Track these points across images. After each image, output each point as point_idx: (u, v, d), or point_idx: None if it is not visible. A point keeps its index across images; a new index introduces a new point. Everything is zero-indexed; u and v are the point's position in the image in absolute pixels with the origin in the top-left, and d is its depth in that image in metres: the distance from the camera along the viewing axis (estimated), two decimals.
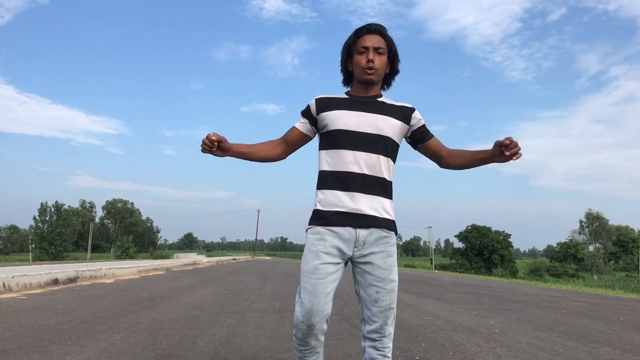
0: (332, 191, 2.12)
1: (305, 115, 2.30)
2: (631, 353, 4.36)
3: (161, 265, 18.64)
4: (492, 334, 5.17)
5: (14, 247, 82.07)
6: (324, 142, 2.24)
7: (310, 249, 2.10)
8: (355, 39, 2.22)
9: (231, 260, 42.56)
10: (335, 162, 2.15)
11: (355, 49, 2.22)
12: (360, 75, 2.22)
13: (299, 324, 2.06)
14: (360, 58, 2.20)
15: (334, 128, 2.18)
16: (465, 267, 64.60)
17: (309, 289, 2.05)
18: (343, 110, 2.20)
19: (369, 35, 2.20)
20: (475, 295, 10.61)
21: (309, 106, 2.28)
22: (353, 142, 2.14)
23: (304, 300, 2.05)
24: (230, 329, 5.01)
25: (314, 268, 2.06)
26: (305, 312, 2.03)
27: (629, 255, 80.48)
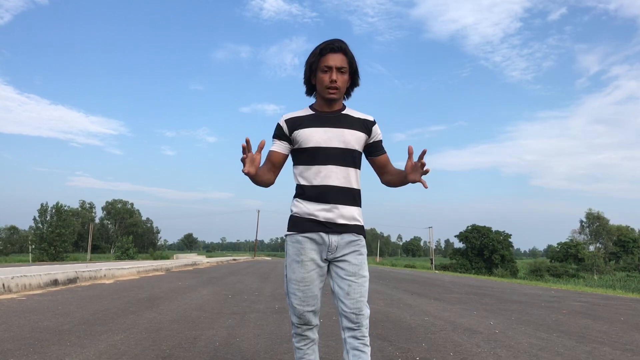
0: (308, 202, 2.29)
1: (278, 137, 2.38)
2: (632, 353, 4.36)
3: (161, 266, 18.64)
4: (492, 334, 5.16)
5: (13, 247, 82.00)
6: (298, 159, 2.37)
7: (294, 259, 2.29)
8: (319, 57, 2.30)
9: (231, 260, 42.55)
10: (310, 177, 2.31)
11: (318, 67, 2.31)
12: (323, 94, 2.33)
13: (295, 323, 2.33)
14: (324, 77, 2.30)
15: (307, 146, 2.31)
16: (466, 267, 64.56)
17: (298, 294, 2.28)
18: (312, 128, 2.33)
19: (332, 54, 2.29)
20: (476, 295, 10.60)
21: (280, 127, 2.37)
22: (325, 157, 2.30)
23: (295, 304, 2.29)
24: (230, 330, 5.01)
25: (302, 278, 2.27)
26: (299, 314, 2.30)
27: (630, 255, 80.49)
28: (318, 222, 2.27)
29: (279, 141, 2.38)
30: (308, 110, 2.41)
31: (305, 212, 2.28)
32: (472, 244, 69.25)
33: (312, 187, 2.29)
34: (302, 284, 2.27)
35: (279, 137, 2.38)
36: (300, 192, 2.33)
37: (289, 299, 2.33)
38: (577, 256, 71.98)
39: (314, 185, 2.29)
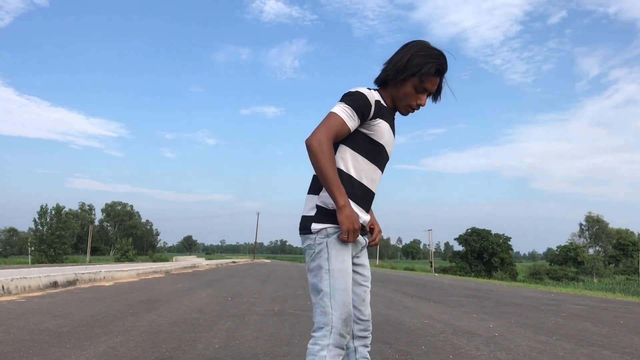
0: (355, 205, 2.03)
1: (359, 112, 1.98)
2: (631, 356, 4.36)
3: (160, 268, 18.63)
4: (492, 337, 5.16)
5: (13, 249, 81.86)
6: (361, 147, 2.04)
7: (343, 248, 1.98)
8: (421, 71, 2.03)
9: (231, 263, 42.53)
10: (365, 174, 2.06)
11: (418, 80, 2.04)
12: (401, 108, 2.12)
13: (341, 330, 1.93)
14: (413, 96, 2.08)
15: (380, 141, 2.06)
16: (465, 270, 64.58)
17: (348, 290, 1.97)
18: (387, 124, 2.08)
19: (435, 78, 2.08)
20: (475, 298, 10.60)
21: (369, 105, 1.99)
22: (383, 161, 2.13)
23: (346, 302, 1.95)
24: (229, 332, 5.00)
25: (351, 269, 2.01)
26: (347, 316, 1.95)
27: (629, 259, 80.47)
28: (361, 226, 2.08)
29: (357, 118, 1.98)
30: (379, 96, 2.08)
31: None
32: (471, 247, 69.29)
33: (362, 187, 2.06)
34: (349, 277, 1.99)
35: (360, 112, 1.98)
36: (346, 182, 2.01)
37: (334, 299, 1.93)
38: (577, 259, 71.99)
39: (364, 185, 2.06)
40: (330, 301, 1.92)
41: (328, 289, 1.93)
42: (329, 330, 1.90)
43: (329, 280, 1.94)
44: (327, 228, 1.97)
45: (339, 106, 1.99)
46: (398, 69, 2.06)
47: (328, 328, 1.91)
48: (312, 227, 1.99)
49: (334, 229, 1.97)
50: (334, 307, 1.92)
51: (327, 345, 1.90)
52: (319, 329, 1.94)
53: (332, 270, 1.94)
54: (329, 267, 1.95)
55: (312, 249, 1.99)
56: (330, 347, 1.90)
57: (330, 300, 1.92)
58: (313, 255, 1.99)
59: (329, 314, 1.91)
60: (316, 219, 2.00)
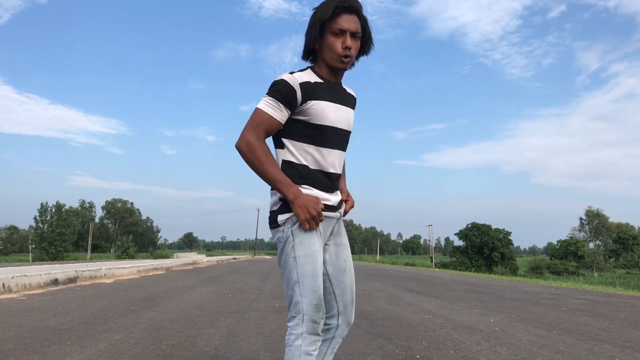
0: (316, 190, 1.99)
1: (285, 102, 1.91)
2: (632, 350, 4.36)
3: (161, 265, 18.64)
4: (492, 332, 5.16)
5: (13, 247, 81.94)
6: (302, 134, 1.97)
7: (307, 233, 1.94)
8: (331, 17, 1.92)
9: (231, 259, 42.58)
10: (318, 161, 1.99)
11: (328, 28, 1.94)
12: (333, 62, 1.98)
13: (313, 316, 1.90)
14: (336, 42, 1.94)
15: (322, 123, 1.96)
16: (466, 265, 64.62)
17: (316, 274, 1.94)
18: (327, 102, 1.97)
19: (346, 15, 1.94)
20: (476, 293, 10.60)
21: (292, 91, 1.90)
22: (335, 140, 2.03)
23: (314, 287, 1.92)
24: (230, 329, 5.01)
25: (318, 252, 1.96)
26: (317, 302, 1.92)
27: (629, 253, 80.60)
28: (330, 207, 2.02)
29: (284, 108, 1.91)
30: (313, 75, 2.00)
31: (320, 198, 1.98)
32: (472, 241, 69.31)
33: (320, 173, 2.00)
34: (317, 261, 1.94)
35: (285, 102, 1.90)
36: (303, 174, 1.97)
37: (302, 286, 1.91)
38: (577, 254, 72.04)
39: (321, 171, 2.00)
40: (299, 289, 1.90)
41: (296, 277, 1.91)
42: (301, 319, 1.89)
43: (296, 268, 1.92)
44: (292, 217, 1.94)
45: (263, 100, 1.93)
46: (308, 28, 2.00)
47: (300, 316, 1.89)
48: (278, 219, 1.97)
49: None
50: (303, 294, 1.90)
51: (300, 334, 1.88)
52: (291, 318, 1.93)
53: (298, 257, 1.92)
54: (295, 254, 1.92)
55: (281, 241, 1.98)
56: (305, 335, 1.88)
57: (299, 288, 1.90)
58: (281, 247, 1.98)
59: (299, 302, 1.90)
60: (281, 210, 1.97)
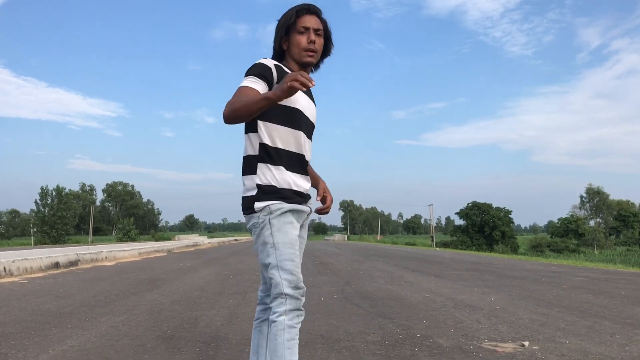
0: (288, 171, 2.11)
1: (261, 76, 2.06)
2: (632, 327, 4.36)
3: (162, 247, 18.71)
4: (493, 311, 5.17)
5: (15, 231, 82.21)
6: (273, 115, 2.08)
7: (285, 221, 2.06)
8: (295, 18, 2.15)
9: (233, 241, 42.76)
10: (290, 141, 2.11)
11: (294, 28, 2.16)
12: (300, 57, 2.17)
13: (295, 296, 2.04)
14: (301, 38, 2.15)
15: (295, 106, 2.11)
16: (466, 244, 64.86)
17: (295, 260, 2.07)
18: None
19: (308, 15, 2.17)
20: (476, 272, 10.63)
21: (269, 69, 2.08)
22: (305, 125, 2.17)
23: (293, 271, 2.05)
24: (231, 310, 5.01)
25: (295, 240, 2.09)
26: (296, 283, 2.05)
27: (630, 230, 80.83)
28: (302, 194, 2.15)
29: (262, 82, 2.05)
30: (285, 67, 2.18)
31: (292, 183, 2.09)
32: (472, 220, 69.51)
33: (291, 154, 2.11)
34: (295, 246, 2.07)
35: (263, 77, 2.06)
36: (277, 156, 2.08)
37: (281, 269, 2.03)
38: (578, 231, 72.31)
39: (291, 151, 2.11)
40: (278, 272, 2.03)
41: (275, 262, 2.04)
42: (284, 298, 2.02)
43: (275, 254, 2.04)
44: (269, 205, 2.05)
45: (243, 80, 2.09)
46: (277, 29, 2.21)
47: (283, 297, 2.02)
48: (255, 206, 2.07)
49: (277, 206, 2.05)
50: (282, 276, 2.03)
51: (285, 311, 2.02)
52: (274, 299, 2.05)
53: (277, 243, 2.04)
54: (274, 241, 2.05)
55: (257, 227, 2.08)
56: (287, 311, 2.02)
57: (278, 271, 2.03)
58: (257, 233, 2.08)
59: (280, 283, 2.03)
60: (257, 197, 2.07)
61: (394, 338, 3.82)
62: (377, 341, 3.70)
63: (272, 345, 2.04)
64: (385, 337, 3.86)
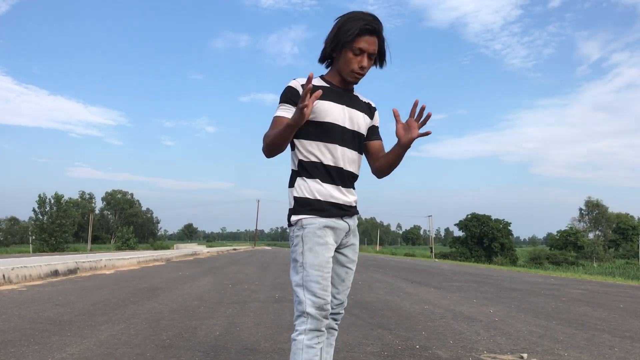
0: (325, 184, 2.10)
1: (290, 102, 2.07)
2: (631, 340, 4.37)
3: (161, 256, 18.67)
4: (492, 322, 5.17)
5: (14, 238, 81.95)
6: (309, 133, 2.10)
7: (318, 242, 2.05)
8: (355, 36, 2.07)
9: (231, 250, 42.67)
10: (326, 156, 2.10)
11: (350, 45, 2.08)
12: (347, 76, 2.14)
13: (316, 316, 2.02)
14: (353, 60, 2.10)
15: (325, 120, 2.09)
16: (466, 255, 64.69)
17: (321, 282, 2.04)
18: (331, 102, 2.12)
19: (368, 36, 2.08)
20: (476, 283, 10.62)
21: (296, 92, 2.07)
22: (341, 137, 2.13)
23: (318, 294, 2.03)
24: (230, 319, 5.01)
25: (326, 262, 2.06)
26: (321, 305, 2.03)
27: (629, 243, 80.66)
28: (340, 206, 2.12)
29: (286, 106, 2.07)
30: (320, 80, 2.17)
31: (327, 194, 2.09)
32: (471, 232, 69.33)
33: (330, 167, 2.10)
34: (325, 269, 2.05)
35: (292, 102, 2.06)
36: (312, 169, 2.09)
37: (307, 290, 2.03)
38: (577, 244, 72.19)
39: (330, 165, 2.10)
40: (303, 292, 2.03)
41: (301, 281, 2.04)
42: (305, 317, 2.02)
43: (302, 274, 2.04)
44: (301, 220, 2.06)
45: (277, 108, 2.12)
46: (329, 41, 2.14)
47: (305, 316, 2.02)
48: (291, 219, 2.10)
49: (309, 221, 2.05)
50: (307, 296, 2.02)
51: (304, 330, 2.01)
52: (297, 317, 2.05)
53: (305, 264, 2.04)
54: (303, 260, 2.04)
55: (291, 241, 2.11)
56: (307, 330, 2.01)
57: (303, 290, 2.03)
58: (291, 247, 2.10)
59: (303, 302, 2.02)
60: (294, 210, 2.09)
61: (393, 349, 3.82)
62: (376, 352, 3.71)
63: None
64: (384, 348, 3.86)
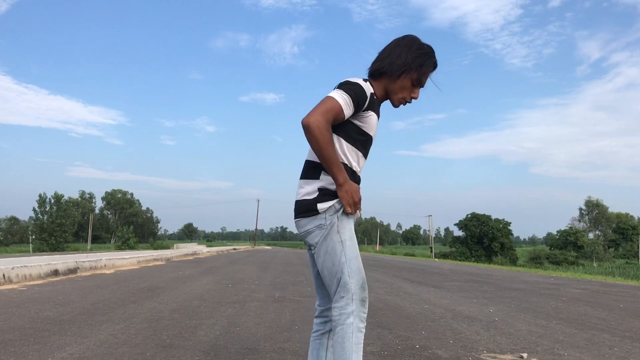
0: None
1: (356, 101, 2.02)
2: (631, 340, 4.37)
3: (161, 256, 18.67)
4: (492, 322, 5.17)
5: (14, 238, 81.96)
6: (353, 138, 2.11)
7: (349, 220, 2.09)
8: (422, 68, 2.16)
9: (231, 250, 42.66)
10: (355, 162, 2.14)
11: (417, 76, 2.16)
12: (393, 100, 2.21)
13: (363, 296, 2.03)
14: (407, 90, 2.18)
15: (369, 133, 2.15)
16: (465, 255, 64.76)
17: (359, 260, 2.07)
18: (376, 116, 2.17)
19: (430, 72, 2.21)
20: (475, 283, 10.63)
21: (365, 96, 2.05)
22: (368, 150, 2.22)
23: (361, 269, 2.06)
24: (230, 319, 5.02)
25: (354, 237, 2.12)
26: (364, 284, 2.05)
27: (629, 242, 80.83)
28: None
29: (352, 107, 2.03)
30: (370, 87, 2.13)
31: None
32: (471, 232, 69.41)
33: (354, 172, 2.14)
34: (357, 246, 2.11)
35: (356, 102, 2.03)
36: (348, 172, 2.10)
37: (350, 268, 2.02)
38: (577, 244, 72.29)
39: (354, 171, 2.15)
40: (347, 269, 2.01)
41: (344, 259, 2.02)
42: (350, 298, 1.99)
43: (343, 251, 2.03)
44: (334, 204, 2.06)
45: (337, 92, 2.02)
46: (399, 65, 2.14)
47: (349, 295, 2.00)
48: (319, 207, 2.06)
49: (340, 204, 2.06)
50: (351, 275, 2.01)
51: (352, 312, 1.99)
52: (340, 298, 2.01)
53: (345, 240, 2.04)
54: (341, 238, 2.04)
55: (323, 228, 2.06)
56: (355, 312, 1.99)
57: (347, 268, 2.01)
58: (325, 234, 2.06)
59: (348, 282, 2.01)
60: (320, 199, 2.07)
61: (392, 349, 3.82)
62: (376, 352, 3.71)
63: (338, 351, 1.99)
64: (384, 347, 3.86)
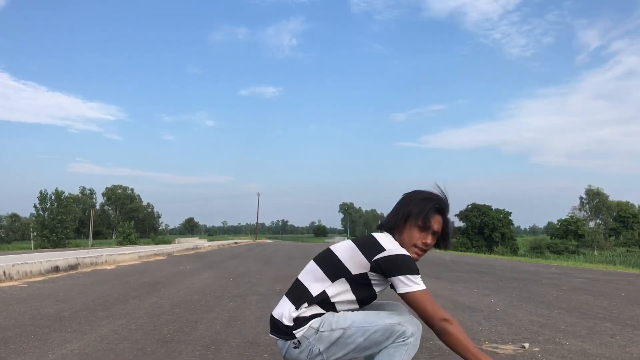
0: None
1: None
2: (632, 328, 4.36)
3: (162, 251, 18.69)
4: (493, 312, 5.17)
5: (15, 235, 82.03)
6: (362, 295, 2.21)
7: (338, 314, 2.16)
8: (423, 212, 2.14)
9: (232, 244, 42.76)
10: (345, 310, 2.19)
11: (420, 221, 2.14)
12: (409, 249, 2.15)
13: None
14: (417, 236, 2.16)
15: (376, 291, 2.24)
16: (466, 245, 64.77)
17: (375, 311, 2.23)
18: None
19: (436, 215, 2.17)
20: (476, 273, 10.63)
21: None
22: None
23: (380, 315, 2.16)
24: (231, 313, 5.01)
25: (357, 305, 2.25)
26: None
27: (630, 231, 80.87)
28: None
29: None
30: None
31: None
32: (472, 222, 69.39)
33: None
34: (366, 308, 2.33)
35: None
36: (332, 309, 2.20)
37: (379, 322, 2.15)
38: (577, 232, 72.29)
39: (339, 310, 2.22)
40: (373, 327, 2.07)
41: (365, 324, 2.08)
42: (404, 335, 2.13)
43: (361, 323, 2.08)
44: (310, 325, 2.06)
45: (416, 281, 2.09)
46: (401, 216, 2.17)
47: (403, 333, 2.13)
48: (297, 335, 2.06)
49: (317, 322, 2.06)
50: (379, 325, 2.09)
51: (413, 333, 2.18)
52: (396, 338, 2.11)
53: (349, 327, 2.07)
54: (346, 325, 2.07)
55: (311, 345, 2.05)
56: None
57: (374, 326, 2.07)
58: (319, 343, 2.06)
59: (387, 325, 2.11)
60: (295, 328, 2.07)
61: None
62: None
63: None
64: None
